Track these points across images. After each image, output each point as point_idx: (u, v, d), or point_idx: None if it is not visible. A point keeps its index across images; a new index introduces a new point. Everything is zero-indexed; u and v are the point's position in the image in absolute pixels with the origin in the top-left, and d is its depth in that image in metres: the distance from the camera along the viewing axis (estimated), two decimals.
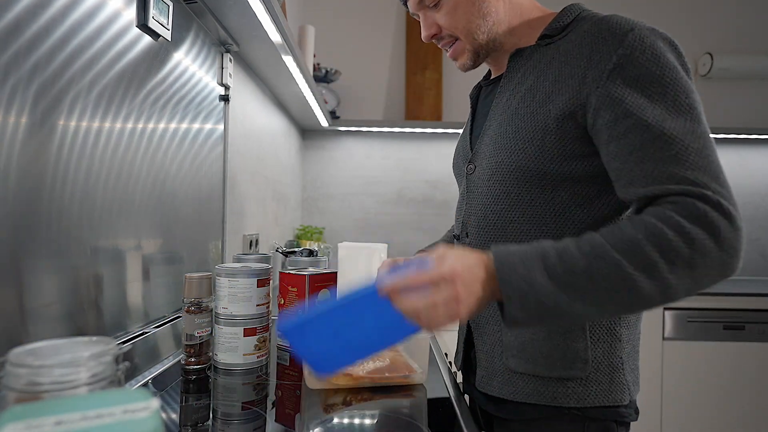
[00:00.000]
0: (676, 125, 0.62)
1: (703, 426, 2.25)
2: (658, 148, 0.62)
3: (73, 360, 0.42)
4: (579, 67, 0.69)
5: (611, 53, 0.66)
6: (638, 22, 0.68)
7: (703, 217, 0.57)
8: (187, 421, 0.71)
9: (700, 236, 0.56)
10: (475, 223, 0.81)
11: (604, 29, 0.69)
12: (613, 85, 0.66)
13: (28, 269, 0.66)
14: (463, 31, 0.81)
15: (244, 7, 1.17)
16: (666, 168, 0.61)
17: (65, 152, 0.73)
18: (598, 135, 0.68)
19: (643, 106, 0.63)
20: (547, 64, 0.75)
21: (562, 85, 0.71)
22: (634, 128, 0.63)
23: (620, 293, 0.57)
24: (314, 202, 2.85)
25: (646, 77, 0.64)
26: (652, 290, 0.57)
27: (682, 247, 0.56)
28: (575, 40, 0.72)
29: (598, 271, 0.57)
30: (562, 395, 0.74)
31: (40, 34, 0.68)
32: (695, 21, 2.84)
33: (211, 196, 1.34)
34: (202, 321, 0.89)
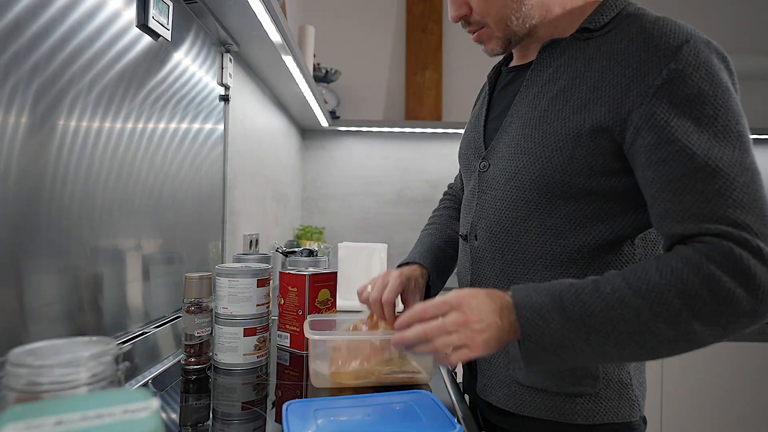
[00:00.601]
0: (723, 155, 0.57)
1: (704, 426, 2.25)
2: (700, 180, 0.57)
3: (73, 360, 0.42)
4: (623, 76, 0.63)
5: (661, 67, 0.60)
6: (694, 32, 0.62)
7: (738, 264, 0.54)
8: (187, 421, 0.71)
9: (729, 285, 0.53)
10: (487, 227, 0.77)
11: (656, 37, 0.62)
12: (660, 104, 0.60)
13: (28, 269, 0.66)
14: (496, 17, 0.73)
15: (244, 7, 1.17)
16: (707, 204, 0.56)
17: (65, 152, 0.73)
18: (635, 156, 0.63)
19: (690, 131, 0.58)
20: (585, 64, 0.68)
21: (602, 93, 0.64)
22: (677, 156, 0.58)
23: (640, 338, 0.56)
24: (314, 202, 2.85)
25: (697, 99, 0.59)
26: (675, 337, 0.55)
27: (708, 297, 0.54)
28: (621, 42, 0.65)
29: (618, 315, 0.56)
30: (570, 411, 0.71)
31: (40, 34, 0.68)
32: (695, 21, 2.84)
33: (211, 196, 1.34)
34: (202, 321, 0.89)
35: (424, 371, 0.86)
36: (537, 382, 0.73)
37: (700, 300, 0.54)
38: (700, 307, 0.54)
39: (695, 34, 0.63)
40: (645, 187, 0.63)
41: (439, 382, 0.88)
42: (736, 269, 0.54)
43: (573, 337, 0.57)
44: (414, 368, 0.86)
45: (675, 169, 0.59)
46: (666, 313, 0.55)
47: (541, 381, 0.73)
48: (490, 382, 0.78)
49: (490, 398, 0.78)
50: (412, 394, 0.76)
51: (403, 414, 0.68)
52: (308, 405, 0.70)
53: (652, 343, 0.56)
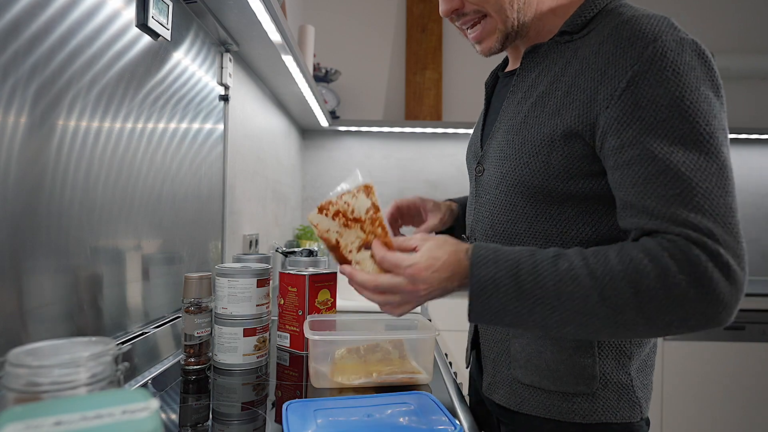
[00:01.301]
0: (686, 159, 0.56)
1: (704, 426, 2.25)
2: (661, 184, 0.57)
3: (73, 360, 0.42)
4: (593, 80, 0.63)
5: (627, 69, 0.60)
6: (666, 30, 0.61)
7: (694, 266, 0.54)
8: (186, 421, 0.70)
9: (683, 285, 0.54)
10: (482, 231, 0.79)
11: (625, 38, 0.61)
12: (624, 107, 0.60)
13: (28, 269, 0.66)
14: (495, 6, 0.70)
15: (244, 7, 1.17)
16: (668, 208, 0.57)
17: (65, 152, 0.73)
18: (605, 159, 0.63)
19: (652, 134, 0.58)
20: (562, 68, 0.69)
21: (574, 98, 0.65)
22: (639, 159, 0.59)
23: (584, 319, 0.57)
24: (314, 202, 2.85)
25: (661, 100, 0.58)
26: (616, 324, 0.57)
27: (659, 293, 0.54)
28: (594, 45, 0.65)
29: (568, 292, 0.57)
30: (567, 410, 0.71)
31: (40, 34, 0.68)
32: (695, 21, 2.84)
33: (211, 196, 1.34)
34: (202, 321, 0.89)
35: (424, 371, 0.86)
36: (536, 381, 0.73)
37: (651, 294, 0.54)
38: (649, 301, 0.55)
39: (666, 32, 0.61)
40: (614, 190, 0.63)
41: (439, 382, 0.88)
42: (693, 271, 0.54)
43: (519, 306, 0.59)
44: (414, 369, 0.86)
45: (638, 172, 0.59)
46: (614, 300, 0.56)
47: (539, 380, 0.73)
48: (494, 380, 0.79)
49: (494, 396, 0.79)
50: (412, 394, 0.76)
51: (403, 414, 0.68)
52: (308, 405, 0.70)
53: (593, 325, 0.58)
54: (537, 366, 0.73)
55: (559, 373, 0.71)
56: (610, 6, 0.68)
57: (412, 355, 0.89)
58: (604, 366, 0.71)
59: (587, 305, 0.57)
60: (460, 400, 0.81)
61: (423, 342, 0.87)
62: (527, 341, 0.74)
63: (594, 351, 0.71)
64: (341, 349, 0.87)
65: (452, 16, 0.74)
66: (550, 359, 0.72)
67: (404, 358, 0.88)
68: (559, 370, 0.71)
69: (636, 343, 0.72)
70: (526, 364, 0.74)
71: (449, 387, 0.86)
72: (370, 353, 0.87)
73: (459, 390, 0.87)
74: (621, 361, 0.71)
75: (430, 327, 0.88)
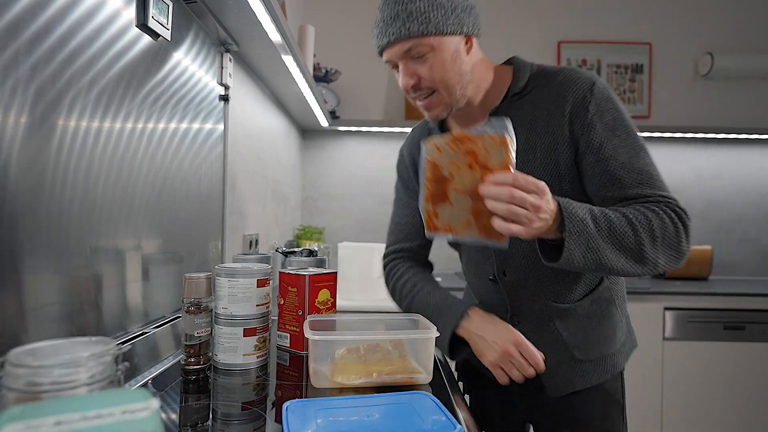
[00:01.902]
0: (644, 158, 0.87)
1: (704, 426, 2.25)
2: (633, 171, 0.87)
3: (73, 360, 0.42)
4: (562, 119, 0.89)
5: (587, 104, 0.87)
6: (592, 74, 0.90)
7: (680, 216, 0.84)
8: (186, 421, 0.70)
9: (680, 227, 0.83)
10: (515, 264, 0.98)
11: (572, 83, 0.89)
12: (594, 132, 0.87)
13: (28, 269, 0.66)
14: (443, 84, 0.88)
15: (244, 7, 1.17)
16: (643, 188, 0.86)
17: (65, 152, 0.73)
18: (585, 167, 0.90)
19: (618, 147, 0.86)
20: (530, 118, 0.92)
21: (557, 138, 0.89)
22: (612, 162, 0.87)
23: (627, 252, 0.81)
24: (314, 202, 2.85)
25: (617, 123, 0.87)
26: (648, 254, 0.81)
27: (671, 231, 0.83)
28: (549, 95, 0.90)
29: (624, 232, 0.80)
30: (603, 372, 1.00)
31: (40, 34, 0.68)
32: (695, 21, 2.84)
33: (211, 196, 1.34)
34: (202, 321, 0.89)
35: (424, 371, 0.86)
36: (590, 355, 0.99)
37: (667, 231, 0.82)
38: (666, 236, 0.82)
39: (594, 75, 0.90)
40: (592, 180, 0.89)
41: (440, 382, 0.88)
42: (680, 219, 0.84)
43: (600, 240, 0.79)
44: (414, 369, 0.86)
45: (614, 167, 0.87)
46: (649, 234, 0.81)
47: (590, 353, 0.99)
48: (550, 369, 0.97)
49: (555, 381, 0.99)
50: (412, 394, 0.76)
51: (403, 414, 0.68)
52: (308, 405, 0.70)
53: (637, 256, 0.81)
54: (589, 342, 0.98)
55: (602, 340, 0.99)
56: (533, 69, 0.94)
57: (412, 355, 0.89)
58: (622, 329, 1.03)
59: (630, 240, 0.80)
60: (460, 400, 0.81)
61: (423, 342, 0.87)
62: (576, 324, 0.98)
63: (622, 321, 1.02)
64: (341, 349, 0.87)
65: (410, 89, 0.90)
66: (597, 334, 0.98)
67: (404, 358, 0.88)
68: (601, 339, 0.99)
69: (622, 307, 1.04)
70: (582, 344, 0.97)
71: (449, 387, 0.86)
72: (370, 353, 0.87)
73: (459, 390, 0.87)
74: (627, 323, 1.05)
75: (430, 327, 0.88)
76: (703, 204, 2.84)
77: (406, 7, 0.83)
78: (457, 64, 0.88)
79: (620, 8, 2.86)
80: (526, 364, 0.86)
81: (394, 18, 0.84)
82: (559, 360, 0.98)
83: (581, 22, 2.86)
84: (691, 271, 2.63)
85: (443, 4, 0.84)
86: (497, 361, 0.88)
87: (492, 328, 0.90)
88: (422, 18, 0.83)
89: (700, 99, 2.86)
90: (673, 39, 2.84)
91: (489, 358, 0.89)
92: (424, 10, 0.83)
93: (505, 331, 0.89)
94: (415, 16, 0.83)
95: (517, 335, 0.88)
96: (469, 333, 0.93)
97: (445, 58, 0.86)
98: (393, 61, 0.89)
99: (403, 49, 0.86)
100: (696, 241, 2.82)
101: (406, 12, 0.83)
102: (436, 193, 0.77)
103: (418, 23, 0.83)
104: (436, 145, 0.76)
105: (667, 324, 2.26)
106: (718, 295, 2.25)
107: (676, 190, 2.85)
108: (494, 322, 0.92)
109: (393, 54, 0.87)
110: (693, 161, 2.85)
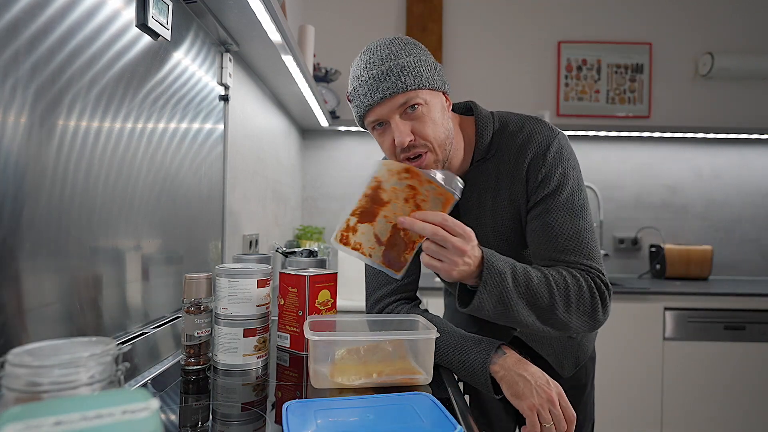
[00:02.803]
0: (580, 223, 0.91)
1: (704, 426, 2.25)
2: (567, 238, 0.90)
3: (73, 360, 0.42)
4: (523, 184, 0.94)
5: (539, 171, 0.92)
6: (552, 132, 0.93)
7: (600, 288, 0.87)
8: (186, 422, 0.70)
9: (597, 298, 0.87)
10: None
11: (531, 144, 0.93)
12: (540, 191, 0.92)
13: (28, 269, 0.66)
14: (437, 141, 0.88)
15: (244, 7, 1.17)
16: (570, 255, 0.90)
17: (65, 152, 0.73)
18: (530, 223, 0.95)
19: (557, 206, 0.91)
20: (495, 182, 0.97)
21: (520, 201, 0.95)
22: (553, 224, 0.91)
23: (539, 311, 0.84)
24: (314, 202, 2.85)
25: (561, 185, 0.91)
26: (562, 316, 0.85)
27: (588, 299, 0.86)
28: (510, 157, 0.94)
29: (542, 290, 0.84)
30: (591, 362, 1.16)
31: (39, 34, 0.68)
32: (695, 21, 2.84)
33: (211, 196, 1.34)
34: (202, 321, 0.89)
35: (424, 372, 0.85)
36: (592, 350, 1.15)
37: (583, 299, 0.86)
38: (581, 303, 0.86)
39: (553, 133, 0.93)
40: (529, 235, 0.95)
41: (440, 383, 0.88)
42: (599, 291, 0.87)
43: (515, 295, 0.82)
44: (414, 369, 0.86)
45: (549, 227, 0.91)
46: (564, 298, 0.85)
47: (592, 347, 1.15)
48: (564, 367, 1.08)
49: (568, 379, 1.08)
50: (412, 395, 0.76)
51: (403, 415, 0.68)
52: (308, 405, 0.70)
53: (547, 316, 0.85)
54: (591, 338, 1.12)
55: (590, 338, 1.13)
56: (496, 126, 0.97)
57: (412, 355, 0.89)
58: None
59: (545, 301, 0.84)
60: (460, 400, 0.81)
61: (423, 342, 0.87)
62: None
63: None
64: (341, 349, 0.87)
65: (403, 147, 0.88)
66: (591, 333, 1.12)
67: (404, 358, 0.88)
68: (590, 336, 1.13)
69: None
70: (585, 339, 1.09)
71: (449, 387, 0.86)
72: (370, 354, 0.87)
73: (459, 390, 0.87)
74: None
75: (430, 327, 0.88)
76: (703, 204, 2.84)
77: (398, 63, 0.85)
78: (445, 119, 0.90)
79: (620, 8, 2.86)
80: (562, 417, 0.83)
81: (386, 74, 0.84)
82: (563, 345, 1.07)
83: (581, 22, 2.86)
84: (691, 271, 2.63)
85: (427, 61, 0.88)
86: (537, 406, 0.82)
87: (534, 371, 0.86)
88: (414, 72, 0.85)
89: (700, 99, 2.86)
90: (673, 39, 2.84)
91: (530, 401, 0.83)
92: (414, 65, 0.86)
93: (549, 378, 0.86)
94: (408, 70, 0.85)
95: (558, 386, 0.85)
96: (508, 372, 0.86)
97: (436, 113, 0.88)
98: (382, 120, 0.88)
99: (397, 103, 0.85)
100: (696, 241, 2.82)
101: (398, 67, 0.84)
102: (366, 211, 0.80)
103: (413, 77, 0.85)
104: (388, 168, 0.80)
105: (667, 324, 2.26)
106: (718, 295, 2.25)
107: (676, 190, 2.85)
108: (530, 364, 0.88)
109: (385, 111, 0.86)
110: (693, 161, 2.85)
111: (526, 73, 2.83)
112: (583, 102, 2.86)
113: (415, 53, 0.87)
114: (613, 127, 2.71)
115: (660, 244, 2.71)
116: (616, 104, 2.85)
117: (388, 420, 0.66)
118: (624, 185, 2.85)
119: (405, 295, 1.08)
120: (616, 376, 2.24)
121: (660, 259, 2.67)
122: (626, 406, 2.25)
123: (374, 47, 0.88)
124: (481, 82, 2.82)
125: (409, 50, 0.87)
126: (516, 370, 0.86)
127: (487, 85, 2.82)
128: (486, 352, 0.89)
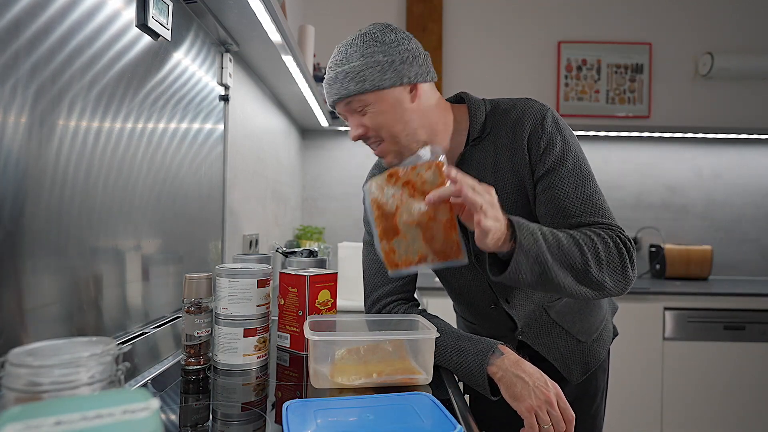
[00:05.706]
0: (591, 187, 0.92)
1: (704, 426, 2.25)
2: (583, 202, 0.91)
3: (73, 360, 0.42)
4: (524, 157, 0.94)
5: (540, 140, 0.92)
6: (546, 107, 0.95)
7: (626, 244, 0.87)
8: (186, 421, 0.70)
9: (625, 254, 0.86)
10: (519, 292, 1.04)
11: (526, 118, 0.94)
12: (543, 163, 0.92)
13: (28, 269, 0.66)
14: (387, 133, 0.93)
15: (244, 7, 1.17)
16: (589, 216, 0.90)
17: (65, 152, 0.73)
18: (539, 193, 0.94)
19: (565, 175, 0.91)
20: (493, 160, 0.96)
21: (522, 175, 0.94)
22: (565, 191, 0.91)
23: (580, 272, 0.83)
24: (314, 202, 2.85)
25: (564, 152, 0.92)
26: (594, 275, 0.83)
27: (615, 256, 0.85)
28: (507, 134, 0.95)
29: (571, 251, 0.82)
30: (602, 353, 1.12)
31: (40, 34, 0.68)
32: (695, 21, 2.84)
33: (211, 196, 1.34)
34: (202, 321, 0.89)
35: (424, 372, 0.86)
36: None
37: (612, 256, 0.85)
38: (611, 260, 0.85)
39: (545, 107, 0.95)
40: (540, 208, 0.94)
41: (439, 383, 0.88)
42: (625, 246, 0.86)
43: (549, 256, 0.80)
44: (414, 369, 0.86)
45: (560, 196, 0.91)
46: (595, 256, 0.83)
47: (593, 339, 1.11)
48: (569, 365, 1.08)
49: (575, 376, 1.07)
50: (412, 395, 0.76)
51: (403, 415, 0.68)
52: (308, 405, 0.70)
53: (582, 276, 0.83)
54: (586, 324, 1.08)
55: (593, 316, 1.09)
56: (487, 107, 0.99)
57: (412, 355, 0.89)
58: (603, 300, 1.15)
59: (578, 260, 0.82)
60: (460, 401, 0.81)
61: (423, 342, 0.87)
62: (570, 314, 1.05)
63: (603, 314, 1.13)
64: (341, 349, 0.87)
65: (359, 139, 0.96)
66: (587, 313, 1.08)
67: (404, 358, 0.88)
68: (592, 315, 1.09)
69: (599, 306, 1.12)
70: (581, 329, 1.07)
71: (449, 387, 0.86)
72: (370, 354, 0.87)
73: (459, 390, 0.87)
74: (607, 320, 1.16)
75: (430, 327, 0.88)
76: (703, 204, 2.84)
77: (343, 69, 0.91)
78: (398, 113, 0.92)
79: (620, 8, 2.86)
80: (560, 418, 0.82)
81: (334, 80, 0.92)
82: (571, 349, 1.06)
83: (581, 22, 2.86)
84: (691, 271, 2.63)
85: (379, 61, 0.89)
86: (536, 407, 0.82)
87: (532, 371, 0.85)
88: (358, 78, 0.89)
89: (700, 99, 2.86)
90: (673, 39, 2.84)
91: (528, 402, 0.82)
92: (359, 69, 0.89)
93: (547, 379, 0.85)
94: (351, 76, 0.90)
95: (557, 387, 0.84)
96: (506, 372, 0.85)
97: (384, 109, 0.91)
98: (343, 115, 0.97)
99: (344, 105, 0.94)
100: (696, 241, 2.82)
101: (343, 73, 0.91)
102: (387, 229, 0.79)
103: (354, 83, 0.90)
104: (376, 184, 0.80)
105: (667, 324, 2.26)
106: (718, 295, 2.25)
107: (676, 190, 2.85)
108: (528, 364, 0.87)
109: (340, 110, 0.96)
110: (693, 161, 2.85)
111: (526, 73, 2.83)
112: (583, 102, 2.86)
113: (368, 54, 0.89)
114: (613, 127, 2.72)
115: (660, 244, 2.71)
116: (616, 104, 2.85)
117: (388, 420, 0.66)
118: (624, 185, 2.85)
119: (403, 296, 1.08)
120: (616, 376, 2.24)
121: (660, 259, 2.68)
122: (626, 406, 2.25)
123: (340, 47, 0.93)
124: (480, 82, 2.82)
125: (363, 51, 0.90)
126: (514, 371, 0.85)
127: (487, 85, 2.82)
128: (483, 354, 0.88)
